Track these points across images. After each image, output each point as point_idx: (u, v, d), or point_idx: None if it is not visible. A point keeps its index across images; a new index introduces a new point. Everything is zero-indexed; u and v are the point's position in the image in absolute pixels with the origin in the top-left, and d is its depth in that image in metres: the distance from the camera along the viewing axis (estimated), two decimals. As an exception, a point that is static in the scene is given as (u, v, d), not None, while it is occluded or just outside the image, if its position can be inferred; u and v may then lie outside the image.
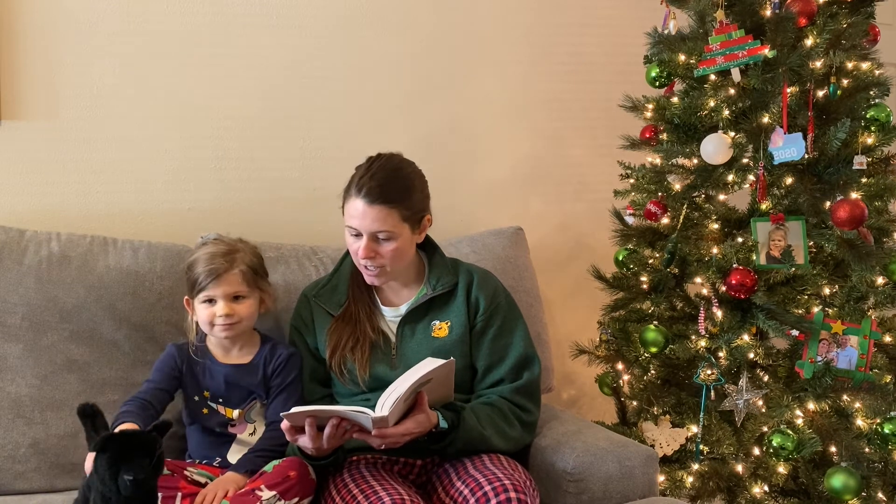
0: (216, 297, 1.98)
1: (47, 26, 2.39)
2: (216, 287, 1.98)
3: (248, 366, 2.05)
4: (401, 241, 2.01)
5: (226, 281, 1.99)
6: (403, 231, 2.01)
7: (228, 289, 1.99)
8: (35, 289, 2.14)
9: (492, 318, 2.12)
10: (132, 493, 1.61)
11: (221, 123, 2.57)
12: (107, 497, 1.62)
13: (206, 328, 2.02)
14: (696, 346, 2.36)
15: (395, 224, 1.98)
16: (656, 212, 2.46)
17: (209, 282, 1.98)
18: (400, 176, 2.02)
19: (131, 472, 1.60)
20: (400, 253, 2.02)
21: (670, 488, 2.42)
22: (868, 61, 2.35)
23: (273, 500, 1.80)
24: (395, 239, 2.00)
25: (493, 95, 2.87)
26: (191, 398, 2.05)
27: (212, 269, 1.98)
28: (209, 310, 1.99)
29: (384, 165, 2.02)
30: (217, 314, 1.98)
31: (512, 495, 1.78)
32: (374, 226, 1.97)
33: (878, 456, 2.30)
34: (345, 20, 2.67)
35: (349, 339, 2.06)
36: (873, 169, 2.32)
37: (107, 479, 1.61)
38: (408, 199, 2.00)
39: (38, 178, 2.42)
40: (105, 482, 1.61)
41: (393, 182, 1.99)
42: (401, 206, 1.99)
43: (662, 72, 2.49)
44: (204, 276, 1.98)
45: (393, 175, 2.01)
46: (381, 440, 1.83)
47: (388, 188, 1.98)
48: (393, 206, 1.98)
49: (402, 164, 2.06)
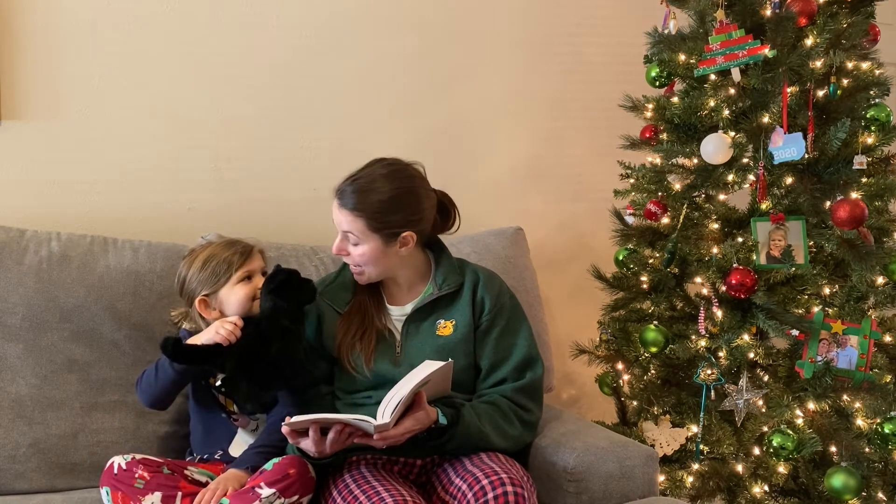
0: (253, 272, 2.07)
1: (47, 26, 2.39)
2: (251, 263, 2.07)
3: None
4: (369, 249, 2.01)
5: (255, 257, 2.10)
6: (371, 240, 2.01)
7: (260, 264, 2.10)
8: (35, 289, 2.14)
9: (496, 318, 2.12)
10: (314, 294, 2.05)
11: (221, 123, 2.57)
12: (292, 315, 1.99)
13: (246, 305, 2.04)
14: (696, 346, 2.36)
15: (360, 231, 2.00)
16: (656, 212, 2.46)
17: (244, 259, 2.06)
18: (377, 189, 2.00)
19: (307, 281, 2.04)
20: (370, 259, 2.03)
21: (670, 488, 2.42)
22: (868, 61, 2.35)
23: (273, 497, 1.81)
24: (362, 245, 2.02)
25: (493, 95, 2.87)
26: (197, 382, 2.06)
27: (243, 249, 2.07)
28: (247, 287, 2.04)
29: (373, 173, 2.02)
30: (260, 286, 2.04)
31: (509, 489, 1.78)
32: (342, 227, 2.03)
33: (878, 456, 2.30)
34: (344, 20, 2.67)
35: (357, 329, 2.08)
36: (873, 169, 2.32)
37: (295, 295, 1.99)
38: (377, 212, 1.99)
39: (38, 178, 2.42)
40: (294, 299, 1.99)
41: (367, 193, 1.99)
42: (367, 218, 1.99)
43: (662, 72, 2.49)
44: (238, 257, 2.05)
45: (370, 186, 2.00)
46: (382, 442, 1.84)
47: (359, 197, 1.99)
48: (358, 215, 1.99)
49: (394, 178, 2.02)
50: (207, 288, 2.04)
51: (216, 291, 2.04)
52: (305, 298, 2.03)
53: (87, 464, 2.12)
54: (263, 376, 1.95)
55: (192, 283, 2.06)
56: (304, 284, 2.03)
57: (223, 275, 2.04)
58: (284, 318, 1.98)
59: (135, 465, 1.88)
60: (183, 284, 2.08)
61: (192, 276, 2.06)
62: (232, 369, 1.95)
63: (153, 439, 2.18)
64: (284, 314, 1.98)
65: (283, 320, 1.97)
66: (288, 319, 1.98)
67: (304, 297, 2.03)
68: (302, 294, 2.02)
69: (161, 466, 1.91)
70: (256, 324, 1.98)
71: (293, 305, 2.00)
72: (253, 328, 1.97)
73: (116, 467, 1.88)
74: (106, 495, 1.87)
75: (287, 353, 1.96)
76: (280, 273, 2.01)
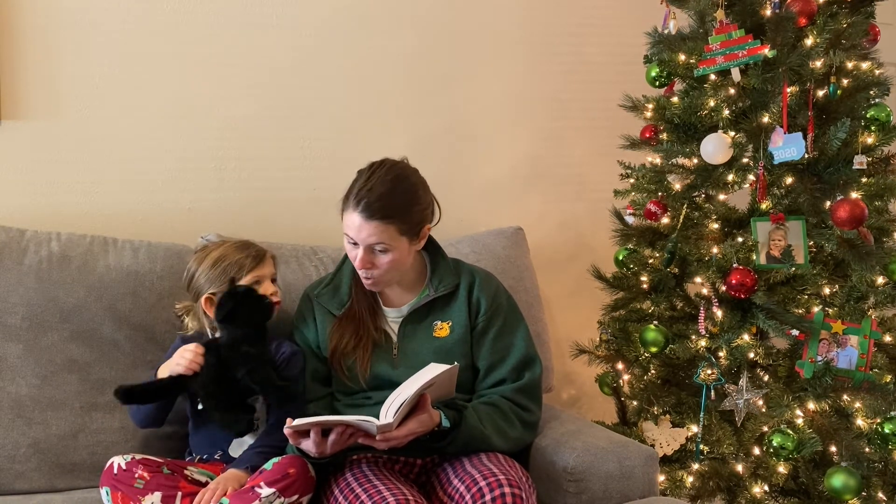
0: (262, 277, 2.07)
1: (47, 26, 2.39)
2: (262, 268, 2.08)
3: None
4: (397, 253, 2.00)
5: (267, 263, 2.11)
6: (400, 244, 1.99)
7: (271, 270, 2.11)
8: (35, 289, 2.14)
9: (493, 319, 2.12)
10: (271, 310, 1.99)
11: (221, 123, 2.57)
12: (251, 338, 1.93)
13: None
14: (697, 346, 2.36)
15: (391, 238, 1.97)
16: (656, 211, 2.46)
17: (256, 264, 2.07)
18: (399, 190, 1.98)
19: (260, 298, 1.98)
20: (397, 264, 2.02)
21: (670, 488, 2.42)
22: (868, 61, 2.35)
23: (272, 497, 1.80)
24: (392, 251, 1.99)
25: (493, 95, 2.87)
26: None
27: (256, 253, 2.09)
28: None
29: (384, 177, 1.98)
30: (268, 293, 2.05)
31: (506, 490, 1.78)
32: (371, 240, 1.96)
33: (878, 456, 2.29)
34: (345, 20, 2.67)
35: (352, 338, 2.07)
36: (873, 169, 2.32)
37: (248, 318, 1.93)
38: (406, 213, 1.98)
39: (38, 178, 2.42)
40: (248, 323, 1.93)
41: (391, 196, 1.96)
42: (398, 221, 1.96)
43: (662, 71, 2.49)
44: (251, 261, 2.06)
45: (391, 189, 1.97)
46: (385, 443, 1.84)
47: (386, 203, 1.95)
48: (390, 222, 1.95)
49: (402, 176, 2.01)
50: (215, 286, 2.05)
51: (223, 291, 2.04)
52: (260, 319, 1.97)
53: (87, 464, 2.12)
54: (235, 402, 1.93)
55: (201, 280, 2.07)
56: (256, 306, 1.96)
57: (223, 281, 2.04)
58: (244, 344, 1.93)
59: (135, 465, 1.89)
60: (191, 280, 2.09)
61: (202, 273, 2.07)
62: (201, 398, 1.95)
63: (153, 439, 2.18)
64: (243, 340, 1.93)
65: (242, 346, 1.93)
66: (247, 344, 1.93)
67: (258, 318, 1.96)
68: (255, 316, 1.96)
69: (161, 466, 1.91)
70: (217, 351, 1.94)
71: (248, 330, 1.94)
72: (215, 356, 1.94)
73: (116, 467, 1.88)
74: (106, 495, 1.87)
75: (255, 378, 1.92)
76: (227, 301, 1.95)
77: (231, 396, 1.93)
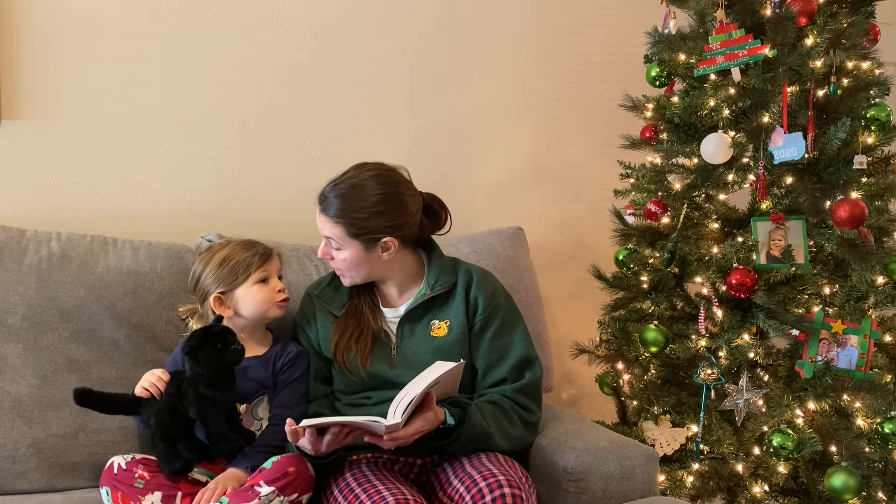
0: (270, 274, 2.08)
1: (47, 26, 2.39)
2: (269, 266, 2.08)
3: (262, 357, 2.07)
4: (349, 255, 2.03)
5: (274, 260, 2.12)
6: (351, 246, 2.02)
7: (277, 266, 2.12)
8: (35, 289, 2.14)
9: (490, 318, 2.12)
10: (238, 359, 1.90)
11: (221, 123, 2.57)
12: (210, 381, 1.87)
13: (262, 308, 2.05)
14: (697, 346, 2.36)
15: (341, 237, 2.02)
16: (656, 211, 2.46)
17: (263, 262, 2.07)
18: (356, 195, 2.01)
19: (231, 344, 1.89)
20: (352, 265, 2.04)
21: (670, 488, 2.42)
22: (868, 61, 2.35)
23: (272, 495, 1.81)
24: (343, 250, 2.03)
25: (494, 95, 2.87)
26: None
27: (263, 251, 2.09)
28: (265, 289, 2.05)
29: (351, 179, 2.03)
30: (276, 289, 2.07)
31: (506, 491, 1.78)
32: (324, 232, 2.05)
33: (878, 455, 2.30)
34: (345, 20, 2.67)
35: (354, 331, 2.08)
36: (873, 168, 2.32)
37: (213, 360, 1.86)
38: (356, 219, 2.00)
39: (38, 178, 2.42)
40: (210, 364, 1.86)
41: (346, 199, 2.00)
42: (347, 224, 2.01)
43: (662, 71, 2.49)
44: (258, 259, 2.07)
45: (349, 191, 2.01)
46: (392, 443, 1.84)
47: (340, 204, 2.01)
48: (338, 222, 2.01)
49: (368, 184, 2.02)
50: (223, 286, 2.05)
51: (232, 290, 2.05)
52: (218, 364, 1.89)
53: (87, 464, 2.12)
54: (180, 437, 1.92)
55: (208, 280, 2.07)
56: (220, 350, 1.88)
57: (241, 274, 2.05)
58: (202, 383, 1.88)
59: (135, 465, 1.89)
60: (198, 281, 2.09)
61: (209, 274, 2.07)
62: (153, 423, 1.93)
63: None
64: (203, 380, 1.88)
65: (200, 386, 1.88)
66: (206, 385, 1.88)
67: (216, 362, 1.88)
68: (213, 359, 1.88)
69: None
70: (179, 383, 1.92)
71: (210, 372, 1.88)
72: (175, 387, 1.92)
73: (116, 467, 1.88)
74: (106, 495, 1.88)
75: (203, 420, 1.89)
76: (197, 334, 1.90)
77: (177, 431, 1.91)
